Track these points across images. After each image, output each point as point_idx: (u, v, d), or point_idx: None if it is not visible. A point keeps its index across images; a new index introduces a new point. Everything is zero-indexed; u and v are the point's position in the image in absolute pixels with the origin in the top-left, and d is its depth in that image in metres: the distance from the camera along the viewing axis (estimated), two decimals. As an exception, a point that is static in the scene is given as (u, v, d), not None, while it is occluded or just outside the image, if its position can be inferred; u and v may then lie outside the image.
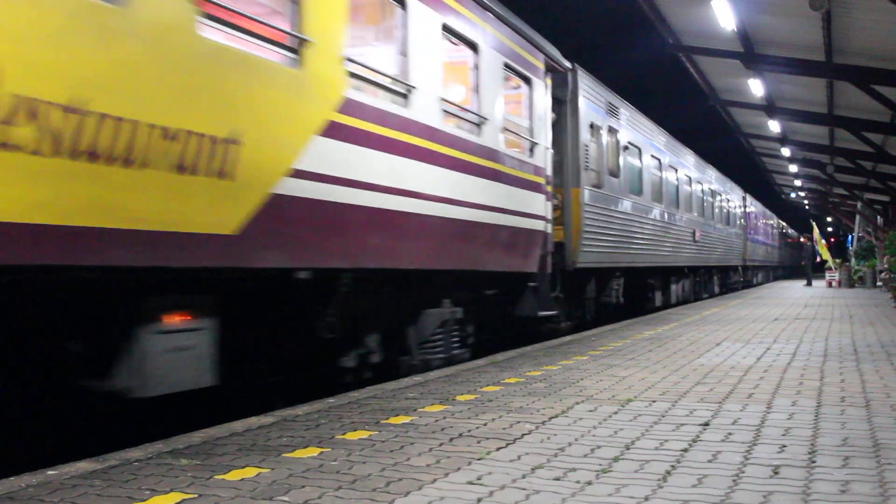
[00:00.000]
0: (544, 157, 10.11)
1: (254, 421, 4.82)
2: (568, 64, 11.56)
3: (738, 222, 29.54)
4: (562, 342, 9.71)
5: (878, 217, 34.27)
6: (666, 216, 17.69)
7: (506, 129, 8.91)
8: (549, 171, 10.30)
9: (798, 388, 5.70)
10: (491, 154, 8.45)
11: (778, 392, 5.55)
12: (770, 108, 20.26)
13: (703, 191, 22.73)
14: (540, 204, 9.83)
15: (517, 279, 9.52)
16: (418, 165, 6.87)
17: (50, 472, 3.62)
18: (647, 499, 3.04)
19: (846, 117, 19.25)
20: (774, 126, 22.74)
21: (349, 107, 5.84)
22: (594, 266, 12.46)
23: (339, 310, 6.17)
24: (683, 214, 19.66)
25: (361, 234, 6.10)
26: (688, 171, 20.71)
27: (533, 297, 9.75)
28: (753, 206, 34.93)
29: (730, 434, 4.18)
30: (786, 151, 27.38)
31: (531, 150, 9.71)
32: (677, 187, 19.23)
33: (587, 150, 12.10)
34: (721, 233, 25.35)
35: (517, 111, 9.69)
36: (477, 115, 8.20)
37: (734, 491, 3.12)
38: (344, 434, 4.35)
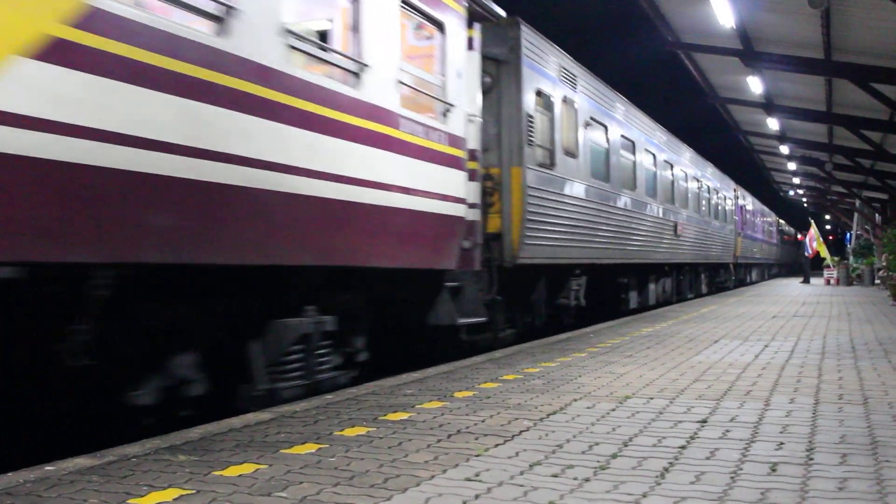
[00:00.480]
0: (464, 125, 8.00)
1: (251, 417, 4.82)
2: (502, 13, 9.20)
3: (729, 217, 28.30)
4: (559, 339, 9.72)
5: (877, 215, 34.38)
6: (640, 206, 15.68)
7: (403, 84, 6.88)
8: (475, 144, 8.37)
9: (796, 386, 5.70)
10: (377, 113, 6.40)
11: (776, 389, 5.55)
12: (769, 105, 20.29)
13: (687, 181, 20.72)
14: (458, 183, 7.79)
15: (428, 278, 7.66)
16: (243, 119, 4.96)
17: (48, 468, 3.63)
18: (645, 496, 3.04)
19: (845, 115, 19.29)
20: (773, 124, 22.78)
21: (96, 21, 3.94)
22: (543, 262, 10.56)
23: (101, 324, 4.43)
24: (663, 206, 17.64)
25: (129, 213, 4.24)
26: (669, 158, 18.68)
27: (451, 300, 7.86)
28: (746, 201, 33.53)
29: (728, 431, 4.18)
30: (784, 149, 27.40)
31: (445, 114, 7.63)
32: (655, 175, 17.06)
33: (532, 122, 10.05)
34: (708, 227, 23.80)
35: (427, 66, 7.70)
36: (354, 60, 6.17)
37: (732, 488, 3.12)
38: (342, 430, 4.35)
